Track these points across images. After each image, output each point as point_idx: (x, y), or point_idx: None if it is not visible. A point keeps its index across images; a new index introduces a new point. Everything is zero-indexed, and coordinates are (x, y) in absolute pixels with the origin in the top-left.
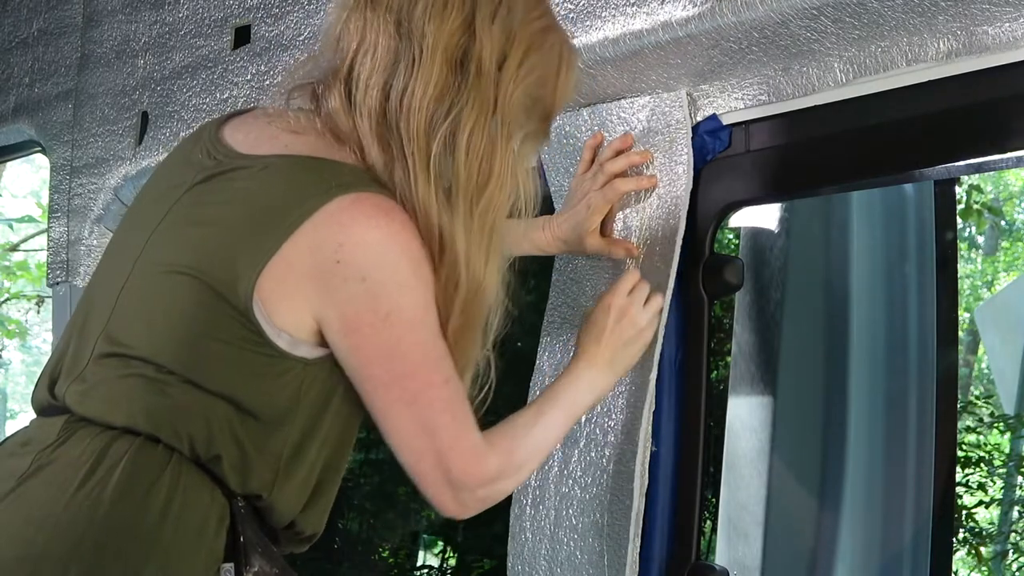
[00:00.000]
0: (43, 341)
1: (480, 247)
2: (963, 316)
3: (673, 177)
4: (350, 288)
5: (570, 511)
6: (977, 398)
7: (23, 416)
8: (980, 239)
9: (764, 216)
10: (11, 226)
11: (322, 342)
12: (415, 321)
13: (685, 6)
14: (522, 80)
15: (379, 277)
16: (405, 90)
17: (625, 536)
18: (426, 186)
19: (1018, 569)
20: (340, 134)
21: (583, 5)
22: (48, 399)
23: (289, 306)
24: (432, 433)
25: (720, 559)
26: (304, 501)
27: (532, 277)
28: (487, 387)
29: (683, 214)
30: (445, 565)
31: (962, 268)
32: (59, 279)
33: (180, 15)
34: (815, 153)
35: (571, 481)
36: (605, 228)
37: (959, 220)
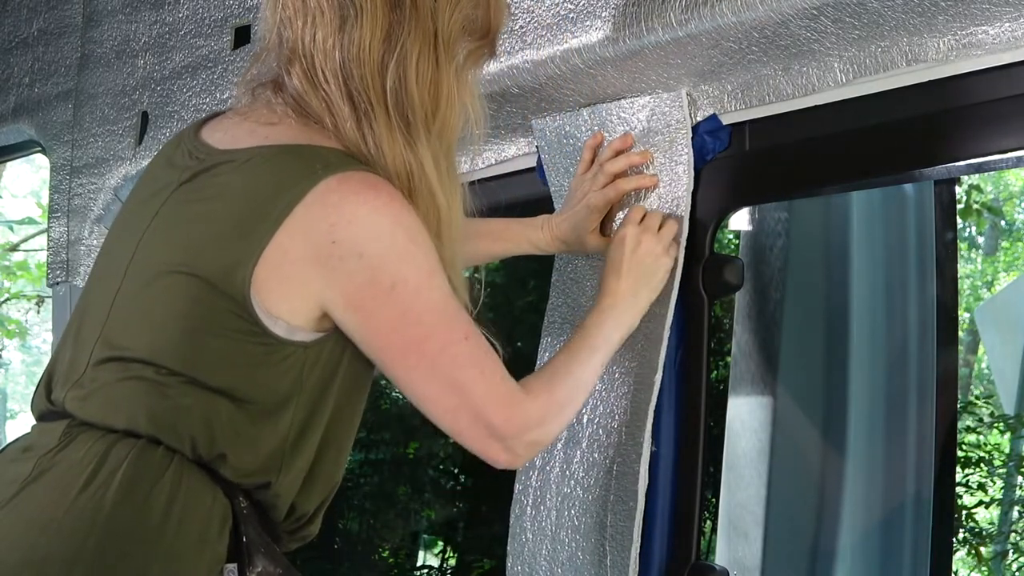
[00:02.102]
0: (43, 341)
1: (444, 170)
2: (963, 316)
3: (673, 177)
4: (349, 265)
5: (572, 512)
6: (977, 398)
7: (23, 416)
8: (980, 239)
9: (764, 216)
10: (11, 228)
11: (319, 326)
12: (421, 287)
13: (685, 6)
14: (456, 4)
15: (376, 250)
16: (355, 41)
17: (629, 537)
18: (388, 128)
19: (1018, 569)
20: (312, 114)
21: (583, 5)
22: (47, 405)
23: (285, 293)
24: (462, 390)
25: (720, 559)
26: (302, 480)
27: (532, 277)
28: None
29: (685, 215)
30: (445, 565)
31: (962, 268)
32: (59, 279)
33: (180, 15)
34: (815, 153)
35: (573, 482)
36: (605, 228)
37: (959, 220)
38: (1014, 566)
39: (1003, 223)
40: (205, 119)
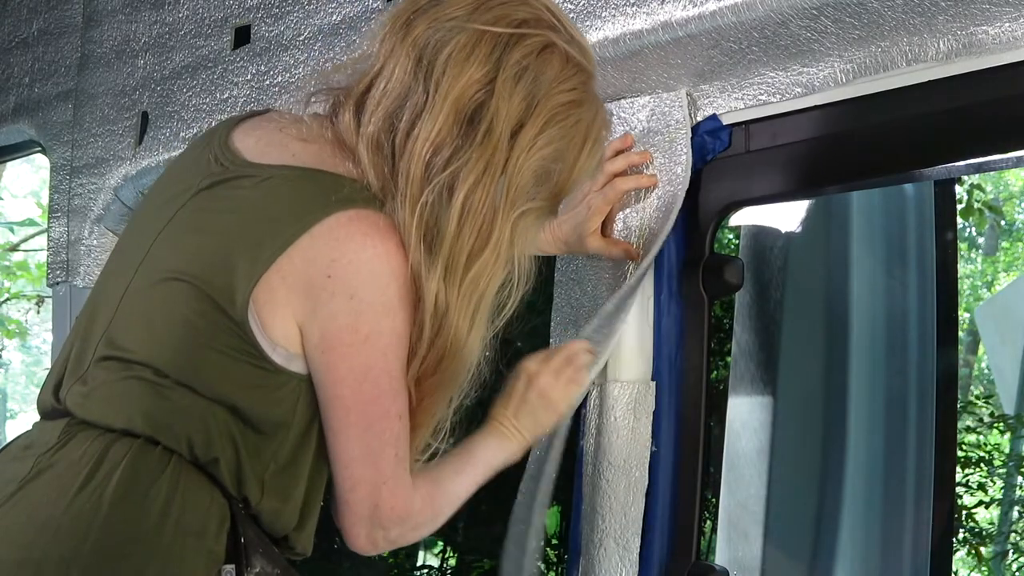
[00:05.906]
0: (43, 341)
1: (465, 312)
2: (963, 316)
3: (673, 177)
4: (337, 304)
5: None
6: (977, 398)
7: (23, 416)
8: (980, 239)
9: (764, 216)
10: (12, 229)
11: None
12: (390, 348)
13: (685, 6)
14: (537, 151)
15: (366, 296)
16: (409, 131)
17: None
18: (411, 228)
19: (1018, 569)
20: (347, 147)
21: (583, 5)
22: (52, 402)
23: (281, 318)
24: (375, 465)
25: (720, 559)
26: (296, 519)
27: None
28: (443, 440)
29: (674, 213)
30: (445, 565)
31: (962, 268)
32: (59, 279)
33: (180, 15)
34: (815, 153)
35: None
36: (606, 229)
37: (959, 219)
38: (1014, 566)
39: (1003, 223)
40: (243, 117)
